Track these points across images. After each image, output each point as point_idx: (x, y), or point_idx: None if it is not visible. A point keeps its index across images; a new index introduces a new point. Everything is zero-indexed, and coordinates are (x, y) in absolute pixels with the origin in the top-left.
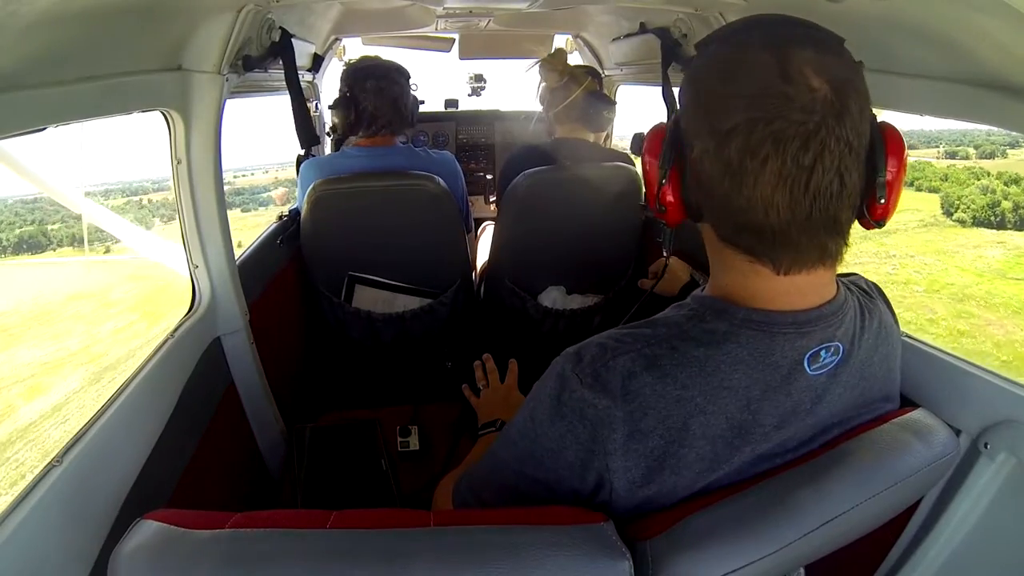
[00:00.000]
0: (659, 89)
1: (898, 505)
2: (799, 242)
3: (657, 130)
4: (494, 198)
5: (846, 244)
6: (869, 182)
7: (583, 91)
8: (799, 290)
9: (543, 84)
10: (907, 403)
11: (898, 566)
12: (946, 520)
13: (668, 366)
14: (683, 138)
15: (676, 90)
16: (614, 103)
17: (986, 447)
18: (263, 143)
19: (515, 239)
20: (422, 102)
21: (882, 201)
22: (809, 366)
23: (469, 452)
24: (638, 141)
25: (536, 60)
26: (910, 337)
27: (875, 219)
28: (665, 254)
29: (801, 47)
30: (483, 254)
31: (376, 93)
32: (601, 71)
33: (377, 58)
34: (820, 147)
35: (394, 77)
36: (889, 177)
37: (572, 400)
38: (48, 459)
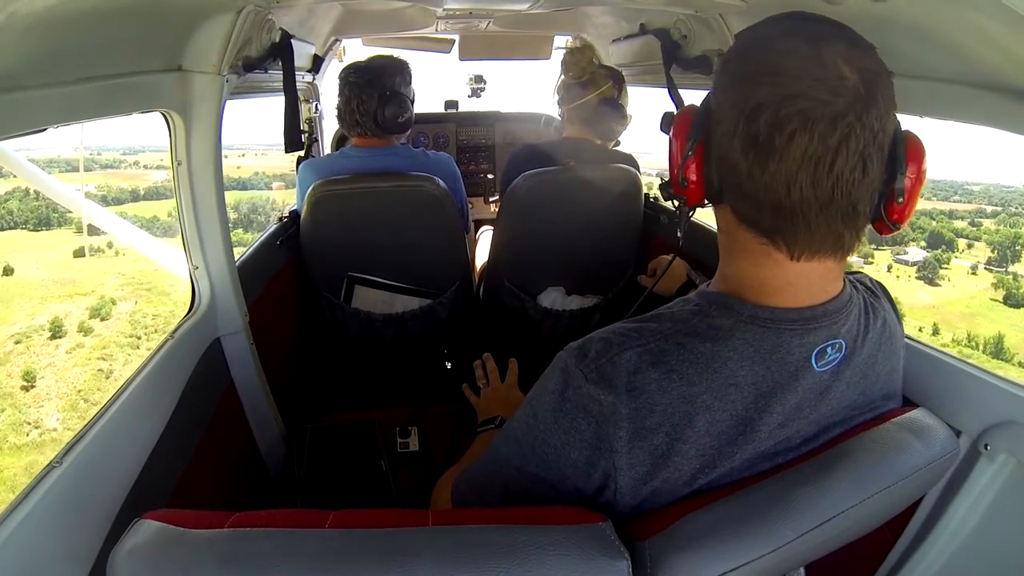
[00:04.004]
0: (653, 90)
1: (898, 505)
2: (817, 224)
3: (686, 110)
4: (494, 198)
5: (859, 239)
6: (889, 181)
7: (598, 96)
8: (807, 281)
9: (562, 77)
10: (908, 403)
11: (898, 566)
12: (946, 521)
13: (674, 362)
14: (712, 117)
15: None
16: (627, 115)
17: (986, 448)
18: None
19: (515, 240)
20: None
21: (900, 201)
22: (816, 363)
23: (468, 450)
24: (667, 120)
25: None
26: (911, 338)
27: (892, 220)
28: (679, 233)
29: (835, 41)
30: (482, 256)
31: (351, 93)
32: None
33: (389, 57)
34: (847, 130)
35: (369, 79)
36: (908, 181)
37: (576, 396)
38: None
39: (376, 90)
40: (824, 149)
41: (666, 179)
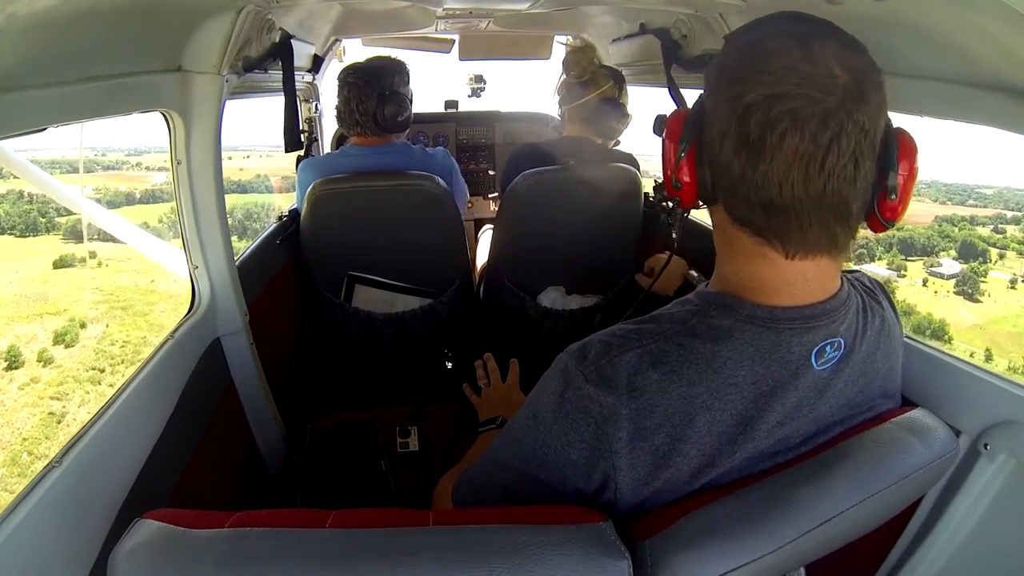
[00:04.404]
0: (658, 93)
1: (898, 504)
2: (809, 223)
3: (678, 113)
4: (494, 194)
5: (853, 237)
6: (881, 179)
7: (598, 95)
8: (805, 280)
9: (563, 77)
10: (907, 403)
11: (898, 566)
12: (946, 521)
13: (674, 362)
14: (704, 118)
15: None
16: (627, 115)
17: (986, 448)
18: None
19: (515, 239)
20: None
21: (893, 198)
22: (816, 361)
23: (469, 450)
24: (659, 123)
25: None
26: (911, 338)
27: (886, 218)
28: (674, 235)
29: (826, 40)
30: (483, 255)
31: (349, 94)
32: None
33: (387, 58)
34: (838, 128)
35: (368, 80)
36: (901, 179)
37: (576, 397)
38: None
39: (375, 90)
40: (815, 148)
41: (660, 181)
